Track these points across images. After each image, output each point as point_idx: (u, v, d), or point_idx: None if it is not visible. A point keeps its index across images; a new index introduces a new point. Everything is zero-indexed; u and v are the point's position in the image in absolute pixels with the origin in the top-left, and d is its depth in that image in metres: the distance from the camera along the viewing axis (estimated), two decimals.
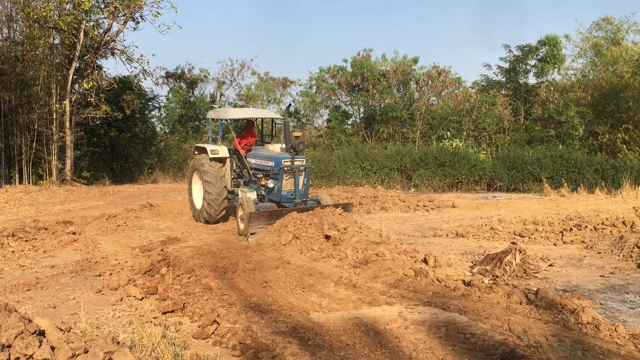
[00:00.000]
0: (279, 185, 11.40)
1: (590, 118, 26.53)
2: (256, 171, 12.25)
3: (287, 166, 11.25)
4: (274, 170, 11.46)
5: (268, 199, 11.85)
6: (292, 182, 11.43)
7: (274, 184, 11.44)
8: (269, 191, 11.71)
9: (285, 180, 11.39)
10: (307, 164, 11.63)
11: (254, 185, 12.33)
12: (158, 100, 31.77)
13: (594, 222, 11.24)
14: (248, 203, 11.07)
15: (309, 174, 11.75)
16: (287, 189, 11.45)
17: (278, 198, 11.51)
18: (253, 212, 10.60)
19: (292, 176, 11.41)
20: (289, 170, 11.33)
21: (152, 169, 28.43)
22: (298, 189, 11.38)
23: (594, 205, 15.61)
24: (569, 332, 5.39)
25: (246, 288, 7.53)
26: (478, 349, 5.07)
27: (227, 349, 5.34)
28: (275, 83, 32.60)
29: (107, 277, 8.12)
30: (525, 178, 22.55)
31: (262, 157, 12.15)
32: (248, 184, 12.60)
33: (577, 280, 7.79)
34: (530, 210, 14.71)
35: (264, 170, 11.94)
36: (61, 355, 3.49)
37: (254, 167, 12.36)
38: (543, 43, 27.07)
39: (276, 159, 11.49)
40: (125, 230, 12.46)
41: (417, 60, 29.04)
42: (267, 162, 11.85)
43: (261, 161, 12.12)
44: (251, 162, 12.46)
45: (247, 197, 11.45)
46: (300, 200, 11.36)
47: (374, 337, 5.51)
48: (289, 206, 11.29)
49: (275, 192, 11.52)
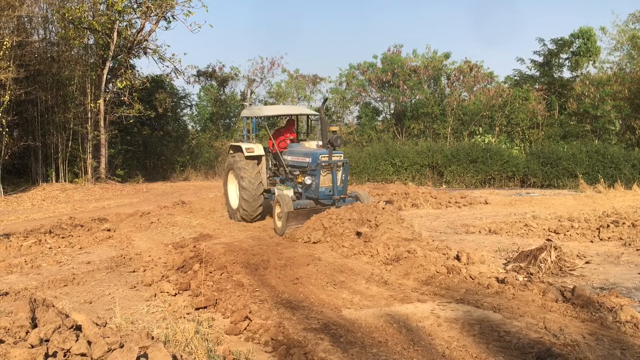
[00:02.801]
0: (316, 181, 11.13)
1: (628, 112, 25.84)
2: (293, 168, 12.05)
3: (324, 162, 10.99)
4: (311, 167, 11.23)
5: (305, 197, 11.61)
6: (329, 179, 11.17)
7: (312, 180, 11.19)
8: (306, 188, 11.46)
9: (323, 176, 11.12)
10: (345, 159, 11.39)
11: (291, 183, 12.17)
12: (190, 98, 32.20)
13: (632, 218, 10.96)
14: (285, 201, 10.82)
15: (347, 169, 11.49)
16: (324, 186, 11.18)
17: (316, 195, 11.26)
18: (291, 212, 10.48)
19: (329, 172, 11.13)
20: (327, 166, 11.06)
21: (184, 167, 28.77)
22: (336, 185, 11.10)
23: (631, 201, 15.22)
24: (606, 331, 5.26)
25: (277, 284, 7.56)
26: (513, 347, 4.99)
27: (259, 345, 5.37)
28: (305, 80, 32.64)
29: (141, 273, 8.26)
30: (559, 174, 22.09)
31: (299, 154, 11.95)
32: (284, 181, 12.44)
33: (614, 278, 7.60)
34: (565, 207, 14.41)
35: (300, 167, 11.73)
36: (97, 349, 3.55)
37: (290, 164, 12.16)
38: (577, 36, 26.45)
39: (313, 155, 11.28)
40: (159, 227, 12.64)
41: (448, 55, 28.74)
42: (303, 159, 11.66)
43: (297, 158, 11.93)
44: (287, 159, 12.28)
45: (284, 195, 11.20)
46: (338, 197, 11.07)
47: (407, 334, 5.47)
48: (327, 203, 11.10)
49: (312, 189, 11.29)
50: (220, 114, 31.96)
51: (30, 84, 21.88)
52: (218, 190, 20.18)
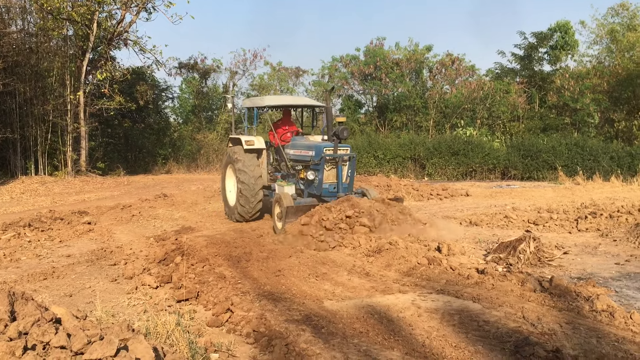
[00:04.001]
0: (319, 177, 10.31)
1: (606, 105, 26.20)
2: (295, 163, 11.23)
3: (329, 155, 10.16)
4: (315, 161, 10.40)
5: (308, 193, 10.82)
6: (334, 174, 10.35)
7: (314, 175, 10.36)
8: (309, 184, 10.69)
9: (327, 171, 10.31)
10: (352, 153, 10.52)
11: (293, 179, 11.40)
12: (171, 90, 31.93)
13: (610, 210, 11.14)
14: (285, 198, 10.05)
15: (354, 164, 10.59)
16: (329, 181, 10.35)
17: (319, 192, 10.41)
18: (290, 207, 9.70)
19: (334, 167, 10.31)
20: (331, 160, 10.24)
21: (166, 160, 28.59)
22: (341, 181, 10.25)
23: (609, 193, 15.46)
24: (583, 320, 5.36)
25: (260, 277, 7.56)
26: (492, 337, 5.06)
27: (241, 337, 5.38)
28: (287, 73, 32.57)
29: (122, 266, 8.22)
30: (539, 166, 22.36)
31: (301, 147, 11.12)
32: (286, 177, 11.67)
33: (592, 268, 7.74)
34: (544, 199, 14.60)
35: (303, 161, 10.92)
36: (77, 342, 3.53)
37: (293, 158, 11.35)
38: (555, 30, 26.71)
39: (317, 148, 10.45)
40: (140, 220, 12.57)
41: (430, 48, 28.84)
42: (306, 152, 10.83)
43: (300, 151, 11.11)
44: (290, 153, 11.45)
45: (284, 192, 10.53)
46: (343, 194, 10.05)
47: (387, 324, 5.52)
48: (331, 200, 10.01)
49: (315, 184, 10.46)
50: (203, 107, 31.78)
51: (8, 75, 21.56)
52: (200, 183, 20.12)
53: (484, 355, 4.60)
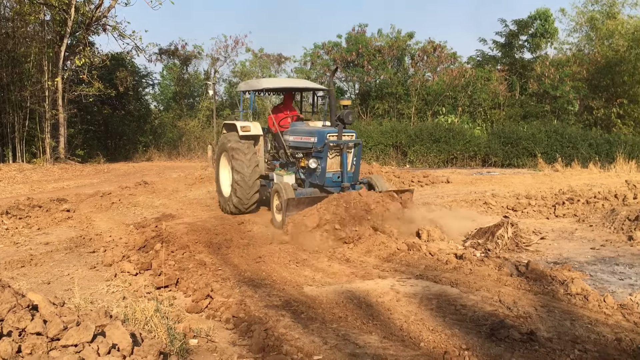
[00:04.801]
0: (322, 165, 9.52)
1: (585, 93, 26.49)
2: (295, 150, 10.42)
3: (333, 142, 9.37)
4: (317, 148, 9.60)
5: (309, 183, 10.04)
6: (338, 162, 9.53)
7: (317, 164, 9.59)
8: (310, 173, 9.90)
9: (331, 159, 9.48)
10: (358, 139, 9.75)
11: (292, 168, 10.59)
12: (152, 77, 31.61)
13: (587, 195, 11.31)
14: (286, 189, 9.28)
15: (360, 151, 9.82)
16: (332, 170, 9.54)
17: (322, 181, 9.62)
18: (291, 199, 8.90)
19: (338, 154, 9.52)
20: (335, 147, 9.45)
21: (147, 147, 28.36)
22: (346, 170, 9.45)
23: (587, 179, 15.68)
24: (558, 303, 5.45)
25: (240, 263, 7.58)
26: (468, 320, 5.13)
27: (220, 323, 5.39)
28: (269, 59, 32.40)
29: (101, 254, 8.15)
30: (519, 153, 22.60)
31: (302, 133, 10.30)
32: (285, 166, 10.84)
33: (568, 253, 7.86)
34: (523, 185, 14.76)
35: (304, 149, 10.11)
36: (53, 327, 3.52)
37: (292, 145, 10.50)
38: (535, 18, 26.88)
39: (319, 134, 9.67)
40: (120, 207, 12.49)
41: (412, 35, 28.84)
42: (307, 138, 10.02)
43: (301, 137, 10.28)
44: (289, 139, 10.61)
45: (284, 182, 9.76)
46: (348, 184, 9.38)
47: (366, 309, 5.56)
48: (334, 191, 9.26)
49: (318, 174, 9.69)
50: (184, 93, 31.50)
51: None
52: (182, 171, 20.00)
53: (460, 338, 4.67)
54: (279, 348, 4.53)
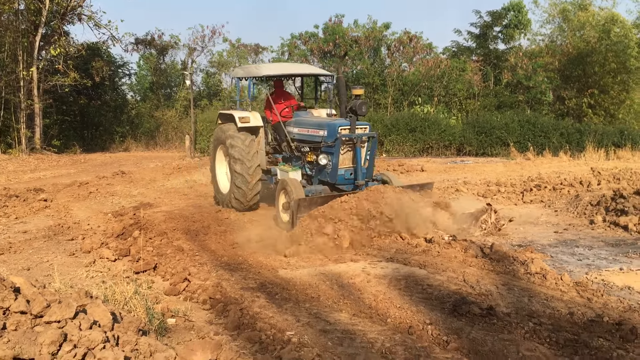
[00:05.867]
0: (334, 161, 8.66)
1: (558, 83, 27.03)
2: (300, 143, 9.57)
3: (345, 136, 8.50)
4: (327, 142, 8.71)
5: (318, 180, 9.21)
6: (350, 157, 8.72)
7: (327, 160, 8.74)
8: (320, 170, 9.05)
9: (342, 154, 8.63)
10: (373, 132, 8.93)
11: (298, 163, 9.75)
12: (128, 67, 31.39)
13: (554, 182, 11.71)
14: (294, 186, 8.49)
15: (375, 146, 8.98)
16: (344, 167, 8.71)
17: (333, 179, 8.78)
18: (302, 199, 8.06)
19: (351, 149, 8.66)
20: (348, 141, 8.59)
21: (124, 137, 28.23)
22: (360, 166, 8.60)
23: (557, 167, 16.13)
24: (518, 281, 5.78)
25: (217, 249, 7.80)
26: (434, 298, 5.42)
27: (197, 304, 5.61)
28: (247, 50, 32.34)
29: (80, 241, 8.28)
30: (493, 142, 23.03)
31: (310, 125, 9.44)
32: (289, 160, 10.08)
33: (532, 236, 8.22)
34: (495, 173, 15.15)
35: (312, 143, 9.24)
36: (36, 305, 3.69)
37: (298, 138, 9.67)
38: (508, 9, 27.34)
39: (330, 127, 8.77)
40: (97, 197, 12.56)
41: (388, 26, 29.05)
42: (316, 131, 9.14)
43: (308, 130, 9.40)
44: (293, 131, 9.76)
45: (291, 179, 8.98)
46: (363, 182, 8.58)
47: (338, 290, 5.83)
48: (346, 190, 8.58)
49: (328, 171, 8.84)
50: (161, 84, 31.37)
51: None
52: (159, 161, 20.06)
53: (424, 314, 4.95)
54: (254, 325, 4.77)
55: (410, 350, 4.20)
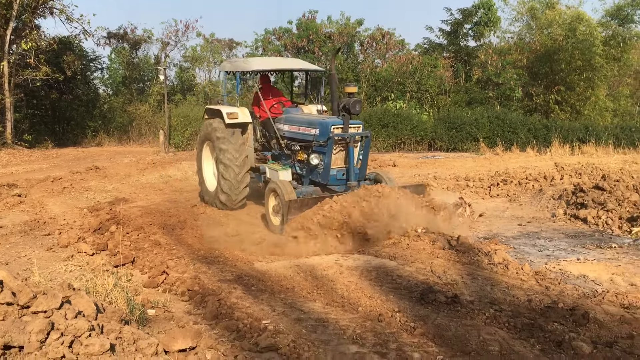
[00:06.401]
0: (326, 161, 8.44)
1: (526, 80, 27.66)
2: (291, 142, 9.33)
3: (338, 135, 8.28)
4: (319, 141, 8.47)
5: (309, 180, 9.01)
6: (343, 157, 8.51)
7: (319, 159, 8.54)
8: (311, 170, 8.85)
9: (335, 154, 8.40)
10: (366, 131, 8.69)
11: (287, 161, 9.50)
12: (100, 61, 31.07)
13: (519, 177, 12.15)
14: (285, 188, 8.18)
15: (368, 145, 8.69)
16: (336, 167, 8.48)
17: (325, 180, 8.54)
18: (293, 201, 7.81)
19: (344, 149, 8.46)
20: (341, 140, 8.37)
21: (96, 132, 27.99)
22: (353, 167, 8.38)
23: (523, 162, 16.64)
24: (482, 271, 6.11)
25: (194, 243, 7.99)
26: (402, 288, 5.72)
27: (176, 295, 5.80)
28: (221, 44, 32.32)
29: (56, 236, 8.34)
30: (463, 138, 23.53)
31: (301, 123, 9.17)
32: (278, 158, 9.80)
33: (497, 229, 8.59)
34: (464, 168, 15.56)
35: (303, 141, 8.99)
36: (23, 296, 3.86)
37: (288, 136, 9.39)
38: (478, 7, 27.87)
39: (322, 125, 8.52)
40: (72, 192, 12.57)
41: (361, 22, 29.33)
42: (307, 130, 8.90)
43: (299, 128, 9.15)
44: (283, 129, 9.49)
45: (281, 180, 8.65)
46: (356, 182, 8.34)
47: (312, 281, 6.09)
48: (338, 190, 8.34)
49: (320, 171, 8.62)
50: (134, 78, 31.15)
51: None
52: (133, 156, 20.02)
53: (393, 303, 5.24)
54: (231, 315, 4.99)
55: (380, 336, 4.47)
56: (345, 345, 4.31)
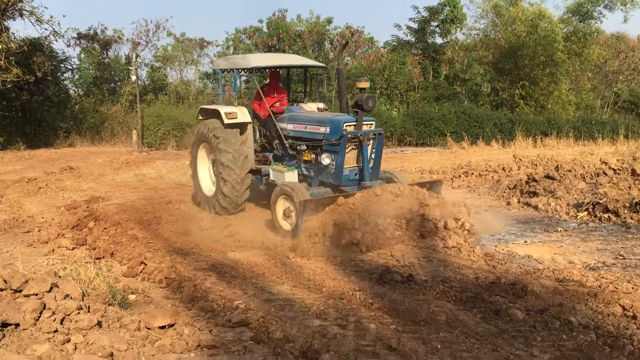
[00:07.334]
0: (338, 161, 8.04)
1: (492, 76, 28.46)
2: (297, 141, 8.94)
3: (351, 133, 7.94)
4: (330, 140, 8.12)
5: (318, 181, 8.63)
6: (354, 157, 8.18)
7: (331, 159, 8.17)
8: (321, 170, 8.47)
9: (347, 153, 8.05)
10: (379, 128, 8.45)
11: (292, 162, 9.14)
12: (70, 62, 30.96)
13: (480, 169, 12.79)
14: (298, 189, 7.82)
15: (382, 143, 8.45)
16: (349, 166, 8.14)
17: (337, 180, 8.14)
18: (309, 201, 7.47)
19: (356, 147, 8.13)
20: (354, 138, 8.03)
21: (68, 133, 27.95)
22: (367, 166, 8.10)
23: (487, 155, 17.33)
24: (437, 254, 6.67)
25: (170, 236, 8.40)
26: (364, 271, 6.24)
27: (154, 283, 6.23)
28: (192, 44, 32.49)
29: (36, 233, 8.62)
30: (432, 133, 24.22)
31: (308, 121, 8.78)
32: (281, 159, 9.40)
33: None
34: (430, 162, 16.18)
35: (310, 141, 8.62)
36: (15, 281, 4.26)
37: (293, 135, 9.01)
38: (444, 4, 28.60)
39: (333, 123, 8.15)
40: (48, 192, 12.81)
41: (331, 20, 29.83)
42: (315, 128, 8.49)
43: (305, 127, 8.74)
44: (287, 128, 9.07)
45: (293, 183, 8.23)
46: (369, 182, 8.03)
47: (281, 267, 6.58)
48: (350, 192, 7.87)
49: (332, 171, 8.24)
50: (105, 78, 31.15)
51: None
52: (106, 156, 20.20)
53: (355, 284, 5.75)
54: (206, 297, 5.44)
55: (341, 311, 4.97)
56: (309, 320, 4.80)
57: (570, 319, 4.50)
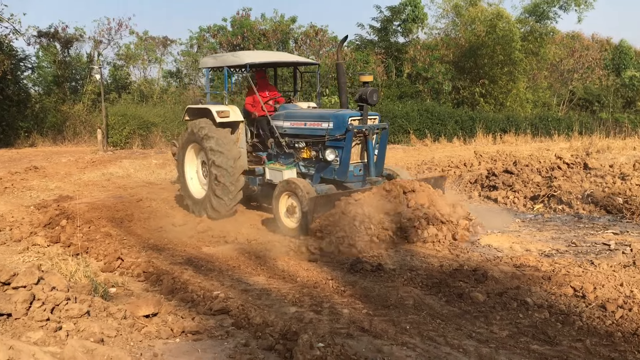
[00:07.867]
0: (343, 156, 7.91)
1: (453, 74, 29.19)
2: (293, 139, 8.81)
3: (357, 127, 7.83)
4: (334, 135, 7.97)
5: (320, 178, 8.44)
6: (358, 152, 8.10)
7: (335, 155, 8.00)
8: (323, 167, 8.31)
9: (351, 149, 7.98)
10: (384, 123, 8.35)
11: (289, 160, 8.98)
12: (30, 60, 30.42)
13: (443, 165, 13.26)
14: (304, 186, 7.69)
15: (386, 138, 8.35)
16: (353, 162, 8.06)
17: (342, 177, 8.04)
18: (319, 197, 7.44)
19: (360, 142, 8.05)
20: (359, 133, 7.95)
21: (29, 133, 27.50)
22: (372, 161, 8.05)
23: (449, 152, 17.89)
24: (404, 245, 7.03)
25: (143, 233, 8.55)
26: (335, 261, 6.57)
27: (132, 277, 6.42)
28: (155, 42, 32.31)
29: (7, 232, 8.62)
30: (395, 130, 24.68)
31: (308, 117, 8.65)
32: (276, 158, 9.23)
33: None
34: (395, 159, 16.59)
35: (310, 137, 8.51)
36: (4, 274, 4.42)
37: (290, 133, 8.86)
38: (405, 4, 29.22)
39: (337, 118, 8.03)
40: (14, 191, 12.72)
41: (295, 19, 30.07)
42: (317, 124, 8.33)
43: (305, 123, 8.61)
44: (284, 126, 8.92)
45: (298, 180, 8.06)
46: (375, 178, 8.00)
47: (256, 260, 6.84)
48: (355, 188, 7.94)
49: (336, 167, 8.10)
50: (66, 77, 30.69)
51: None
52: (70, 155, 20.02)
53: (327, 273, 6.07)
54: (185, 289, 5.67)
55: (315, 299, 5.28)
56: (286, 307, 5.09)
57: (526, 299, 4.91)
